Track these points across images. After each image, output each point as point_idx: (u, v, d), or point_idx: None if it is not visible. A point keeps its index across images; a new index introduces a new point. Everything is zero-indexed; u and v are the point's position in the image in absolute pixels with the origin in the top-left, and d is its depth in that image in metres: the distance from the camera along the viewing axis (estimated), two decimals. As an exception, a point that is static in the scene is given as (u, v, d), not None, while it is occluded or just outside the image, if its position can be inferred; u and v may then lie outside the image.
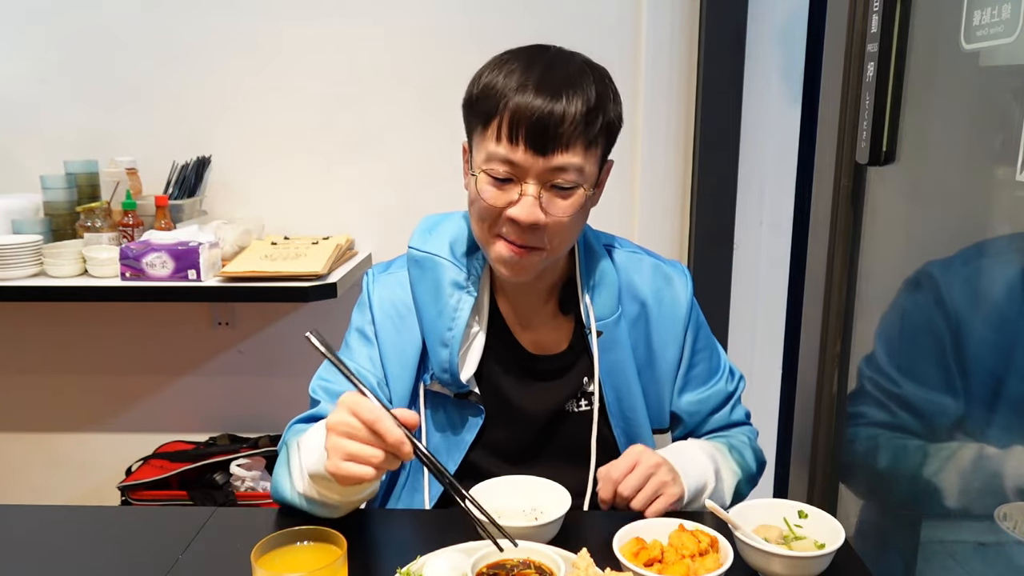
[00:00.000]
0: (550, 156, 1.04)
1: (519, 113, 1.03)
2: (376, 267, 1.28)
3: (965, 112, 1.34)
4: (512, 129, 1.04)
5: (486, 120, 1.07)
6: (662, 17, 2.26)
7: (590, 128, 1.06)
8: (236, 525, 1.12)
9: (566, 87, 1.05)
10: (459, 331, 1.15)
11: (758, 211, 2.38)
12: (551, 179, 1.06)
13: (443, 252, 1.19)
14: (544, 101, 1.03)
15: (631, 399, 1.22)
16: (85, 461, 2.57)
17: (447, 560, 0.92)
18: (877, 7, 1.45)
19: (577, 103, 1.04)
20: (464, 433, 1.19)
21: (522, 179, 1.06)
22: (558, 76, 1.06)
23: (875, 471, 1.46)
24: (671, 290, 1.26)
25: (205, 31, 2.30)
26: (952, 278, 1.25)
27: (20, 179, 2.35)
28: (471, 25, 2.28)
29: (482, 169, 1.08)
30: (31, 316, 2.47)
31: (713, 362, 1.30)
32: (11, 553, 1.06)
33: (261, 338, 2.47)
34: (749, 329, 2.43)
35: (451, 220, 1.24)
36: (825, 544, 0.95)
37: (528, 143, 1.04)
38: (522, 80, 1.05)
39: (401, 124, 2.34)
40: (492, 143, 1.06)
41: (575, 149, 1.05)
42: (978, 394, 1.21)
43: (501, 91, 1.05)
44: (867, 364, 1.49)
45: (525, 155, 1.04)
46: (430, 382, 1.19)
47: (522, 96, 1.04)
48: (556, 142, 1.04)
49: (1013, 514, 1.12)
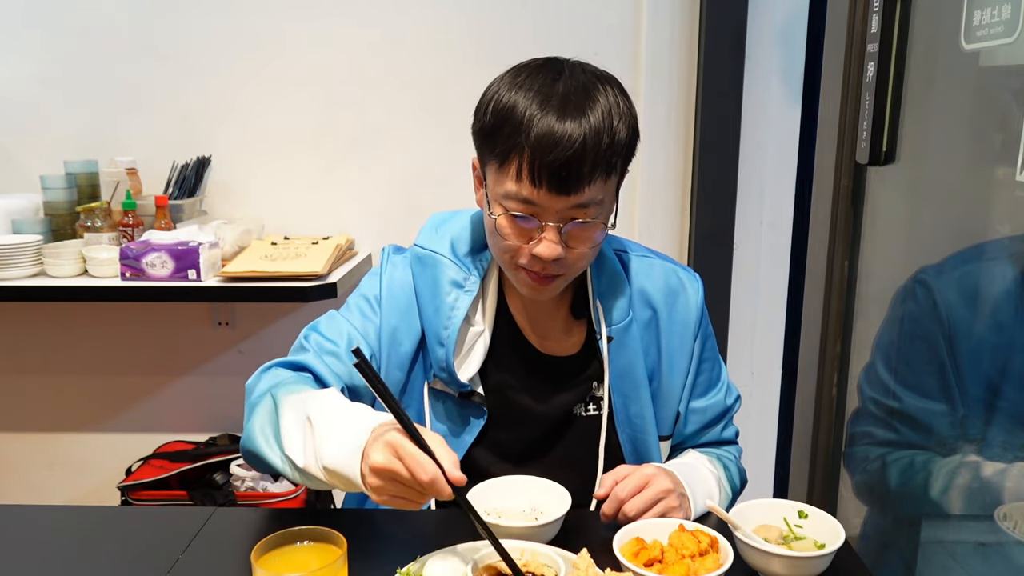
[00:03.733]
0: (572, 195, 1.02)
1: (540, 153, 0.99)
2: (392, 247, 1.27)
3: (965, 112, 1.34)
4: (533, 172, 1.01)
5: (503, 158, 1.03)
6: (662, 17, 2.26)
7: (610, 154, 1.03)
8: (236, 525, 1.11)
9: (585, 107, 1.01)
10: (454, 330, 1.14)
11: (758, 211, 2.38)
12: (573, 216, 1.04)
13: (444, 250, 1.18)
14: (564, 136, 0.99)
15: (639, 405, 1.21)
16: (85, 461, 2.57)
17: (447, 560, 0.92)
18: (877, 7, 1.45)
19: (596, 129, 1.00)
20: (465, 433, 1.19)
21: (543, 218, 1.04)
22: (574, 95, 1.02)
23: (878, 483, 1.46)
24: (683, 296, 1.25)
25: (205, 31, 2.30)
26: (945, 285, 1.24)
27: (20, 179, 2.35)
28: (471, 26, 2.28)
29: (501, 205, 1.06)
30: (31, 316, 2.47)
31: (714, 373, 1.29)
32: (11, 553, 1.06)
33: (261, 338, 2.48)
34: (749, 329, 2.43)
35: (458, 219, 1.23)
36: (825, 544, 0.95)
37: (551, 185, 1.01)
38: (540, 110, 1.00)
39: (401, 124, 2.34)
40: (511, 183, 1.03)
41: (596, 183, 1.03)
42: (976, 400, 1.21)
43: (517, 126, 1.01)
44: (867, 379, 1.48)
45: (548, 196, 1.02)
46: (432, 379, 1.18)
47: (541, 131, 0.99)
48: (578, 181, 1.01)
49: (1013, 514, 1.12)
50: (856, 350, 1.72)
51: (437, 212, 1.27)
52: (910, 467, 1.36)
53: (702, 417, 1.27)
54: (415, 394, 1.20)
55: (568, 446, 1.21)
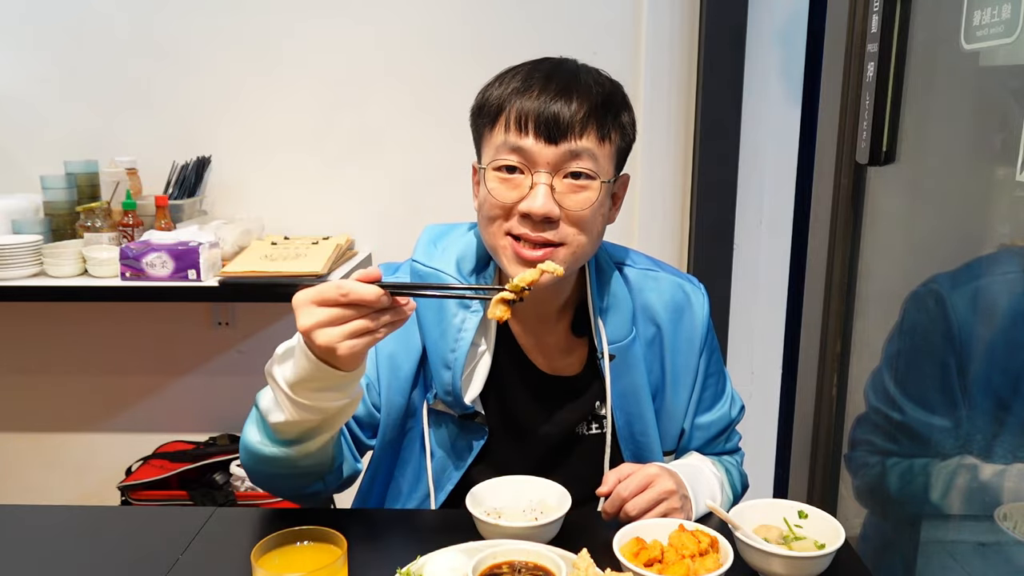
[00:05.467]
0: (562, 143, 1.01)
1: (527, 104, 1.01)
2: (383, 265, 1.23)
3: (965, 112, 1.34)
4: (520, 119, 1.02)
5: (493, 119, 1.05)
6: (662, 17, 2.26)
7: (602, 120, 1.03)
8: (236, 525, 1.11)
9: (574, 85, 1.03)
10: (462, 353, 1.10)
11: (758, 211, 2.38)
12: (565, 166, 1.02)
13: (449, 269, 1.14)
14: (552, 86, 1.02)
15: (643, 423, 1.18)
16: (85, 461, 2.57)
17: (447, 560, 0.92)
18: (877, 7, 1.45)
19: (587, 97, 1.02)
20: (466, 452, 1.16)
21: (532, 169, 1.02)
22: (565, 76, 1.04)
23: (878, 488, 1.45)
24: (689, 311, 1.22)
25: (206, 31, 2.30)
26: (959, 300, 1.22)
27: (20, 179, 2.34)
28: (471, 26, 2.28)
29: (490, 165, 1.05)
30: (31, 316, 2.47)
31: (719, 387, 1.27)
32: (11, 553, 1.06)
33: (261, 338, 2.47)
34: (749, 329, 2.43)
35: (457, 233, 1.20)
36: (825, 544, 0.95)
37: (538, 130, 1.01)
38: (527, 82, 1.04)
39: (400, 124, 2.34)
40: (500, 136, 1.04)
41: (588, 136, 1.02)
42: (983, 418, 1.20)
43: (506, 89, 1.04)
44: (873, 387, 1.46)
45: (536, 143, 1.01)
46: (433, 401, 1.15)
47: (529, 92, 1.02)
48: (568, 130, 1.01)
49: (1013, 514, 1.12)
50: (856, 350, 1.72)
51: (432, 224, 1.23)
52: (909, 471, 1.35)
53: (707, 432, 1.26)
54: (415, 415, 1.17)
55: (571, 465, 1.18)
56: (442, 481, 1.17)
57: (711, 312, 1.26)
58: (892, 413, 1.37)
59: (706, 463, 1.21)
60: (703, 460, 1.23)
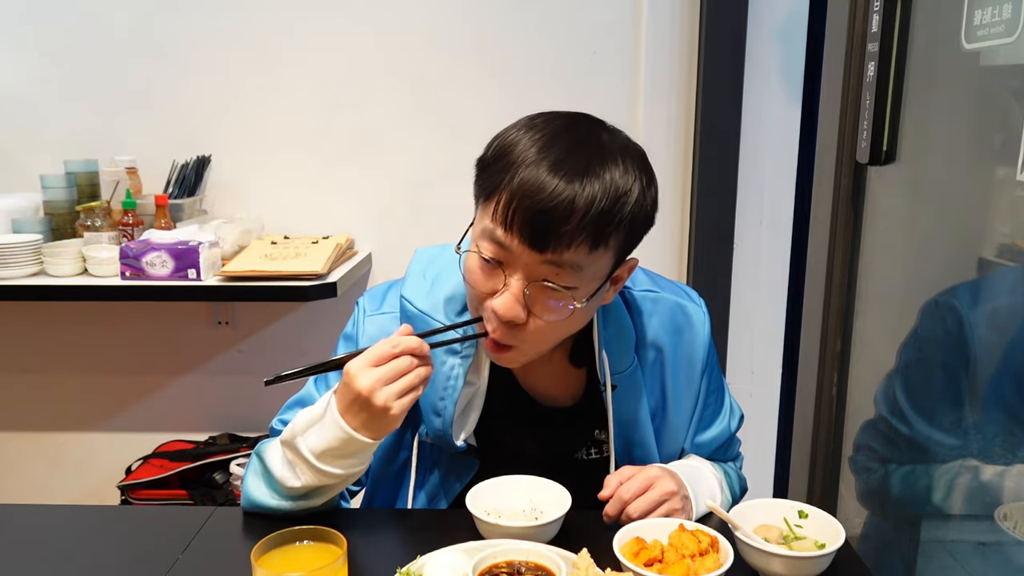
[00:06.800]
0: (546, 251, 0.93)
1: (522, 194, 0.92)
2: (368, 299, 1.20)
3: (965, 112, 1.34)
4: (507, 215, 0.93)
5: (490, 192, 0.96)
6: (662, 17, 2.26)
7: (603, 225, 0.93)
8: (236, 525, 1.11)
9: (587, 172, 0.92)
10: (451, 400, 1.08)
11: (758, 211, 2.38)
12: (541, 275, 0.95)
13: (438, 315, 1.10)
14: (553, 186, 0.91)
15: (643, 448, 1.17)
16: (85, 461, 2.57)
17: (447, 560, 0.92)
18: (877, 7, 1.45)
19: (594, 193, 0.92)
20: (456, 482, 1.15)
21: (509, 269, 0.96)
22: (582, 157, 0.93)
23: (879, 491, 1.45)
24: (689, 332, 1.19)
25: (206, 31, 2.30)
26: (979, 317, 1.20)
27: (20, 179, 2.35)
28: (471, 26, 2.28)
29: (476, 244, 0.99)
30: (31, 316, 2.47)
31: (719, 403, 1.26)
32: (11, 553, 1.06)
33: (261, 338, 2.47)
34: (749, 329, 2.43)
35: (449, 270, 1.13)
36: (825, 544, 0.95)
37: (523, 234, 0.93)
38: (539, 154, 0.93)
39: (400, 124, 2.34)
40: (488, 220, 0.96)
41: (578, 248, 0.93)
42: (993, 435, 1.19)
43: (509, 164, 0.94)
44: (883, 394, 1.45)
45: (519, 246, 0.94)
46: (424, 435, 1.14)
47: (532, 172, 0.92)
48: (556, 239, 0.92)
49: (1013, 514, 1.12)
50: (856, 350, 1.72)
51: (422, 248, 1.19)
52: (911, 473, 1.35)
53: (707, 450, 1.25)
54: (405, 443, 1.16)
55: (571, 489, 1.14)
56: (434, 504, 1.17)
57: (711, 313, 1.25)
58: (899, 424, 1.36)
59: (706, 464, 1.22)
60: (703, 461, 1.23)
